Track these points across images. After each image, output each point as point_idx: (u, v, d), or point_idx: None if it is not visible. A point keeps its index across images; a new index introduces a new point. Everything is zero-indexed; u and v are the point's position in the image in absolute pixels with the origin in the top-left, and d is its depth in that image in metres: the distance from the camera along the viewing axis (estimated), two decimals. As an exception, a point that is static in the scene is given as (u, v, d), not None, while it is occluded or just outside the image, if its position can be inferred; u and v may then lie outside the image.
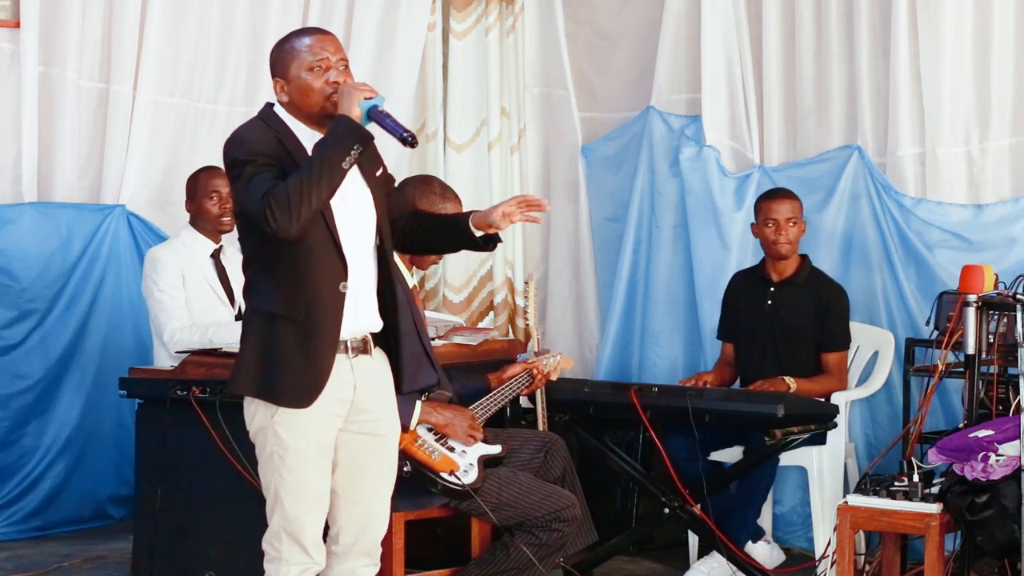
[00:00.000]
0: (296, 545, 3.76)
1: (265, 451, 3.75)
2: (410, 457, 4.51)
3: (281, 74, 3.78)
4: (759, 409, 5.16)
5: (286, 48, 3.79)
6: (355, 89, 3.67)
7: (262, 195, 3.58)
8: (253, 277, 3.78)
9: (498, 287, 7.23)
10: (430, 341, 4.80)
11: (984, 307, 5.22)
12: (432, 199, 4.75)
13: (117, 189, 6.37)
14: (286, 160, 3.69)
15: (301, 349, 3.68)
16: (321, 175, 3.58)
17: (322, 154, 3.60)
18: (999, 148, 6.03)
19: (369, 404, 3.83)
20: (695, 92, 6.71)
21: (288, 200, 3.55)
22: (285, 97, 3.77)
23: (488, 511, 4.58)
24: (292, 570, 3.78)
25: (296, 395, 3.68)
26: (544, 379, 5.04)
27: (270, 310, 3.70)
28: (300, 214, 3.56)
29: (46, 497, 6.21)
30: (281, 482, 3.72)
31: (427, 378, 4.69)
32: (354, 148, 3.61)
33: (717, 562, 5.45)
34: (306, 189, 3.56)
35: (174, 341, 5.32)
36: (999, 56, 6.00)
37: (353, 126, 3.63)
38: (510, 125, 7.26)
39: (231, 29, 6.61)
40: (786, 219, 5.73)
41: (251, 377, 3.72)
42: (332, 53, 3.75)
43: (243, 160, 3.66)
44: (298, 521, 3.74)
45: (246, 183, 3.64)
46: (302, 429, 3.71)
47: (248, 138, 3.72)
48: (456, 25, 7.22)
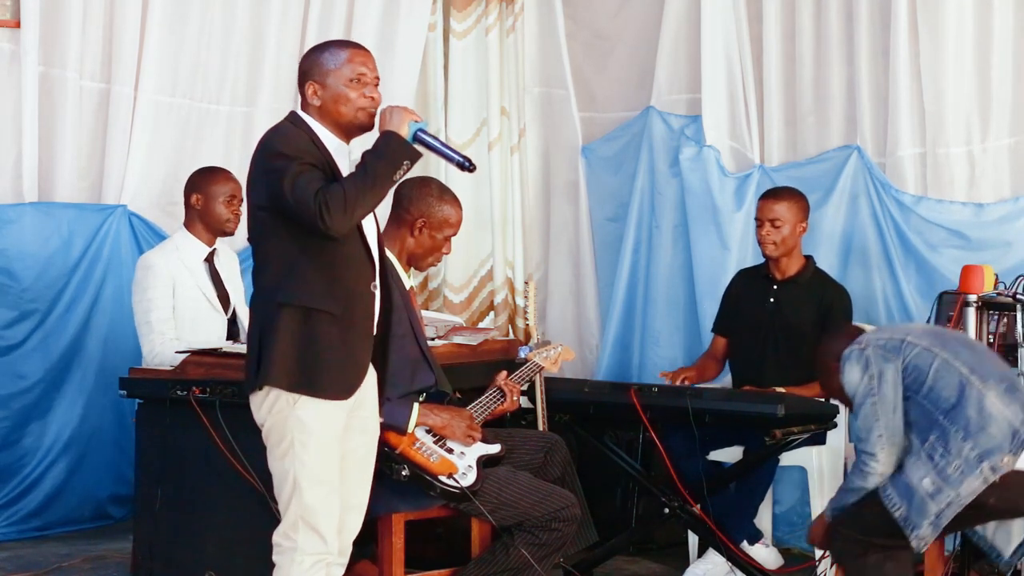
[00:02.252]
0: (313, 533, 3.81)
1: (284, 441, 3.81)
2: (408, 461, 4.50)
3: (318, 79, 3.90)
4: (759, 409, 5.16)
5: (327, 56, 3.91)
6: (405, 111, 3.84)
7: (316, 192, 3.69)
8: (281, 271, 3.82)
9: (498, 287, 7.23)
10: (427, 342, 4.81)
11: (984, 307, 5.23)
12: (429, 200, 4.74)
13: (118, 189, 6.37)
14: (323, 163, 3.81)
15: (342, 344, 3.81)
16: (375, 183, 3.74)
17: (376, 165, 3.76)
18: (999, 148, 6.04)
19: (366, 401, 3.95)
20: (695, 92, 6.71)
21: (345, 201, 3.69)
22: (317, 101, 3.90)
23: (486, 513, 4.58)
24: (307, 560, 3.82)
25: (339, 388, 3.82)
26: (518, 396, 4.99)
27: (307, 304, 3.79)
28: (355, 215, 3.74)
29: (46, 497, 6.21)
30: (302, 468, 3.79)
31: (424, 379, 4.71)
32: (404, 163, 3.77)
33: (714, 562, 5.45)
34: (362, 193, 3.71)
35: (154, 353, 5.31)
36: (999, 56, 6.00)
37: (404, 143, 3.81)
38: (510, 125, 7.27)
39: (232, 29, 6.61)
40: (770, 220, 5.70)
41: (288, 370, 3.78)
42: (371, 70, 3.92)
43: (290, 155, 3.77)
44: (315, 509, 3.80)
45: (293, 178, 3.73)
46: (325, 415, 3.80)
47: (291, 136, 3.85)
48: (456, 25, 7.22)
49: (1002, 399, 4.32)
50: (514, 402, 4.90)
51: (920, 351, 4.40)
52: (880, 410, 4.38)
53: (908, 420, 4.40)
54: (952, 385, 4.34)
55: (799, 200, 5.79)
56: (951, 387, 4.34)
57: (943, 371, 4.36)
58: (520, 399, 4.97)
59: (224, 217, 5.52)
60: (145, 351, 5.37)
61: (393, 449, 4.49)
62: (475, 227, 7.11)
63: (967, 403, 4.30)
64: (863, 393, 4.41)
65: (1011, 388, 4.37)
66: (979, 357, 4.45)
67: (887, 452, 4.38)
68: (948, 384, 4.34)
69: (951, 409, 4.31)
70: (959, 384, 4.33)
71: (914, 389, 4.38)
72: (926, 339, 4.44)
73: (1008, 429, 4.29)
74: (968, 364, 4.37)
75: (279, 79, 6.64)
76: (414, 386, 4.65)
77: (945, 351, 4.39)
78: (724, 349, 5.98)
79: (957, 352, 4.40)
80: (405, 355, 4.63)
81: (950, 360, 4.37)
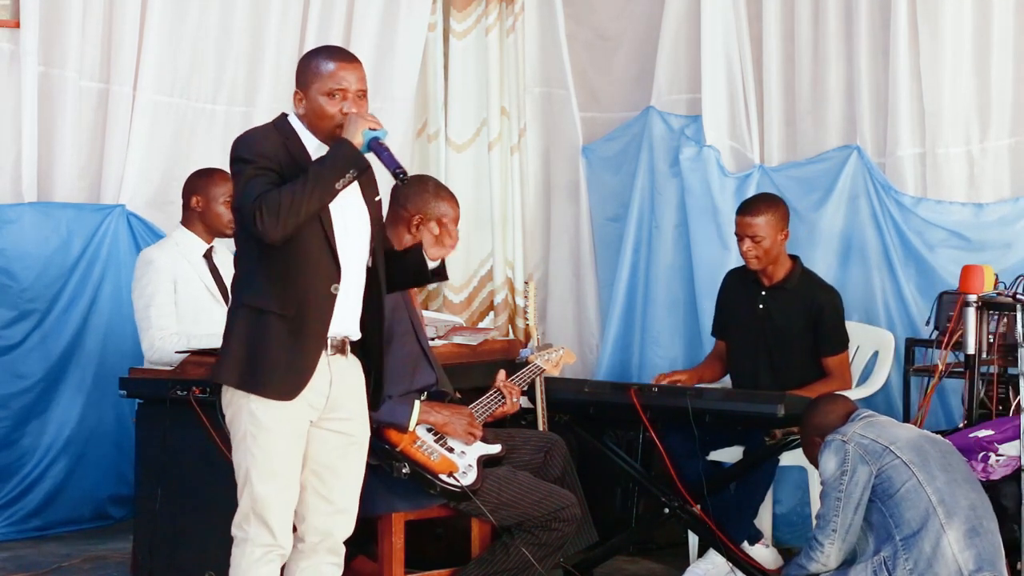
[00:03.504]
0: (263, 526, 3.84)
1: (239, 433, 3.86)
2: (409, 459, 4.51)
3: (303, 88, 3.93)
4: (759, 409, 5.16)
5: (312, 66, 3.92)
6: (362, 119, 3.81)
7: (255, 197, 3.72)
8: (246, 272, 3.91)
9: (498, 287, 7.23)
10: (428, 341, 4.81)
11: (984, 307, 5.23)
12: (425, 197, 4.74)
13: (117, 189, 6.37)
14: (290, 167, 3.82)
15: (289, 344, 3.81)
16: (314, 191, 3.73)
17: (319, 172, 3.76)
18: (999, 148, 6.04)
19: (343, 403, 3.94)
20: (695, 92, 6.71)
21: (279, 208, 3.70)
22: (301, 110, 3.93)
23: (487, 512, 4.58)
24: (256, 551, 3.85)
25: (281, 389, 3.81)
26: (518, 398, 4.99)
27: (260, 305, 3.83)
28: (287, 223, 3.72)
29: (46, 497, 6.21)
30: (252, 460, 3.83)
31: (425, 378, 4.71)
32: (349, 172, 3.77)
33: (714, 562, 5.45)
34: (297, 201, 3.71)
35: (154, 348, 5.31)
36: (999, 56, 6.00)
37: (353, 152, 3.78)
38: (510, 125, 7.26)
39: (231, 29, 6.61)
40: (749, 236, 5.65)
41: (236, 368, 3.84)
42: (353, 83, 3.90)
43: (247, 159, 3.81)
44: (265, 501, 3.83)
45: (244, 182, 3.79)
46: (277, 411, 3.82)
47: (256, 140, 3.87)
48: (456, 25, 7.22)
49: (960, 542, 4.40)
50: (514, 404, 4.90)
51: (899, 465, 4.49)
52: (842, 506, 4.51)
53: (869, 521, 4.53)
54: (918, 511, 4.42)
55: (776, 209, 5.69)
56: (917, 512, 4.42)
57: (913, 493, 4.44)
58: (520, 401, 4.97)
59: (226, 218, 5.49)
60: (144, 346, 5.37)
61: (394, 447, 4.50)
62: (475, 227, 7.11)
63: (925, 536, 4.39)
64: (832, 484, 4.55)
65: (973, 531, 4.42)
66: (953, 486, 4.48)
67: (836, 547, 4.53)
68: (915, 507, 4.43)
69: (910, 536, 4.42)
70: (924, 512, 4.42)
71: (881, 497, 4.49)
72: (908, 453, 4.51)
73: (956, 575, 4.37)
74: (939, 494, 4.44)
75: (278, 79, 6.64)
76: (415, 384, 4.66)
77: (922, 472, 4.47)
78: (726, 352, 5.97)
79: (933, 476, 4.47)
80: (405, 353, 4.64)
81: (923, 484, 4.45)
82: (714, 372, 5.96)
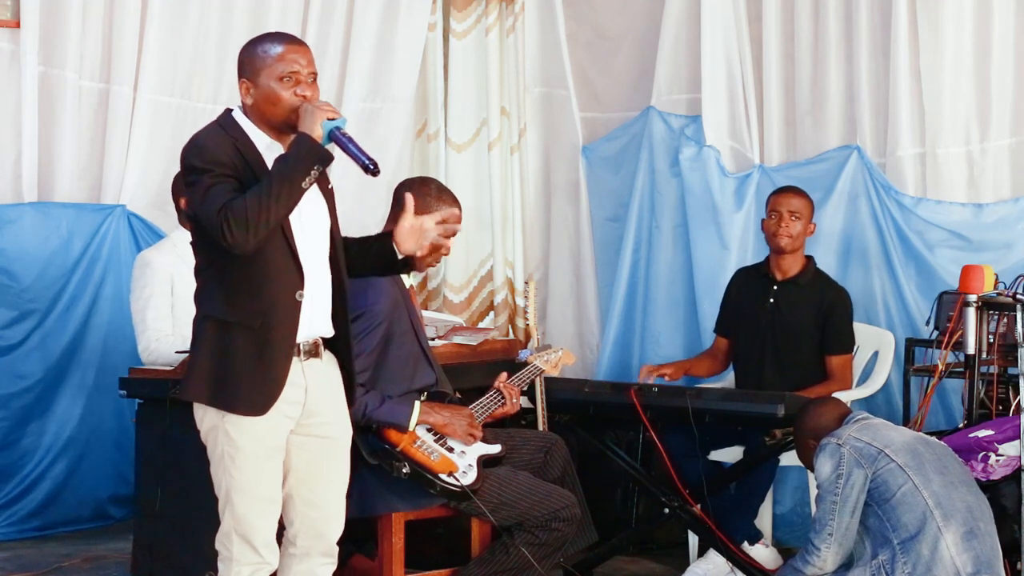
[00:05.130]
0: (247, 545, 3.76)
1: (216, 451, 3.75)
2: (409, 459, 4.51)
3: (250, 77, 3.75)
4: (759, 409, 5.16)
5: (258, 52, 3.75)
6: (318, 109, 3.66)
7: (219, 208, 3.56)
8: (206, 284, 3.75)
9: (498, 287, 7.23)
10: (428, 341, 4.81)
11: (984, 307, 5.23)
12: (428, 200, 4.73)
13: (117, 189, 6.37)
14: (244, 170, 3.67)
15: (257, 358, 3.68)
16: (280, 193, 3.57)
17: (282, 172, 3.59)
18: (999, 148, 6.04)
19: (320, 407, 3.82)
20: (695, 92, 6.71)
21: (247, 217, 3.54)
22: (250, 100, 3.75)
23: (487, 512, 4.58)
24: (244, 570, 3.78)
25: (252, 404, 3.68)
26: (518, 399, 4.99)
27: (224, 318, 3.68)
28: (258, 231, 3.56)
29: (46, 497, 6.21)
30: (231, 482, 3.72)
31: (425, 378, 4.70)
32: (315, 168, 3.61)
33: (714, 562, 5.45)
34: (264, 206, 3.55)
35: (149, 351, 5.31)
36: (999, 56, 6.00)
37: (315, 146, 3.62)
38: (510, 125, 7.26)
39: (231, 29, 6.60)
40: (789, 211, 5.72)
41: (205, 384, 3.70)
42: (304, 66, 3.72)
43: (201, 168, 3.64)
44: (248, 521, 3.74)
45: (203, 193, 3.62)
46: (252, 430, 3.70)
47: (207, 146, 3.68)
48: (456, 25, 7.22)
49: (958, 544, 4.38)
50: (514, 404, 4.90)
51: (893, 468, 4.47)
52: (838, 510, 4.49)
53: (865, 525, 4.51)
54: (915, 514, 4.41)
55: (810, 200, 5.84)
56: (914, 516, 4.41)
57: (909, 497, 4.43)
58: (520, 401, 4.97)
59: None
60: (141, 348, 5.38)
61: (394, 447, 4.50)
62: (475, 227, 7.11)
63: (923, 539, 4.38)
64: (828, 488, 4.52)
65: (971, 533, 4.41)
66: (950, 488, 4.47)
67: (833, 552, 4.50)
68: (912, 510, 4.41)
69: (908, 539, 4.40)
70: (921, 516, 4.40)
71: (877, 501, 4.47)
72: (903, 456, 4.49)
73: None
74: (936, 497, 4.42)
75: (278, 79, 6.63)
76: (415, 384, 4.66)
77: (918, 475, 4.45)
78: (726, 349, 5.98)
79: (929, 480, 4.45)
80: (405, 353, 4.64)
81: (920, 487, 4.43)
82: (705, 367, 5.98)
